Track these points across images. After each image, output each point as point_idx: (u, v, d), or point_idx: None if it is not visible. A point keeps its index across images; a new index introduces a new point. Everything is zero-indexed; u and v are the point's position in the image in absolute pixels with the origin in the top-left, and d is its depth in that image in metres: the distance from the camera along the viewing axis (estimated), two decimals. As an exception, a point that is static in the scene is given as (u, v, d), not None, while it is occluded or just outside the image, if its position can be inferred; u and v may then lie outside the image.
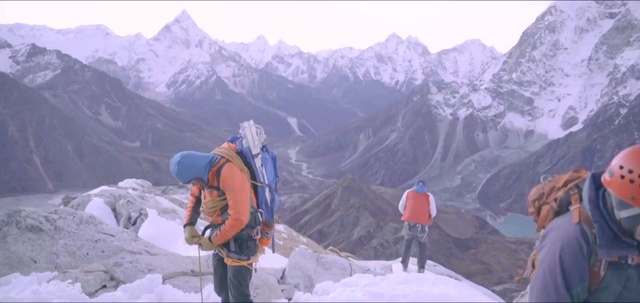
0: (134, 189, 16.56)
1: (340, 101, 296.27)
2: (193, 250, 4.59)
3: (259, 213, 3.59)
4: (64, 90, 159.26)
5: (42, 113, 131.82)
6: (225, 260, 3.55)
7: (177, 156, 3.32)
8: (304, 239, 18.90)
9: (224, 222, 3.45)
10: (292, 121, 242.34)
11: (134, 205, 10.72)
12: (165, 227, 9.24)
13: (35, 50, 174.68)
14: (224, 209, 3.45)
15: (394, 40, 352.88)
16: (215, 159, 3.44)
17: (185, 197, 17.66)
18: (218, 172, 3.39)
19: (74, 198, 12.71)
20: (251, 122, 3.70)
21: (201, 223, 4.42)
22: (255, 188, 3.61)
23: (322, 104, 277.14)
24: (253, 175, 3.59)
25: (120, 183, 17.58)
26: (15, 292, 3.73)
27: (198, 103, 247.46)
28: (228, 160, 3.45)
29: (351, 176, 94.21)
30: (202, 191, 3.53)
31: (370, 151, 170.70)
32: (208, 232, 3.58)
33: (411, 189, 8.46)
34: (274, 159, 3.89)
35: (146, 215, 9.98)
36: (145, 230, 8.86)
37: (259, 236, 3.59)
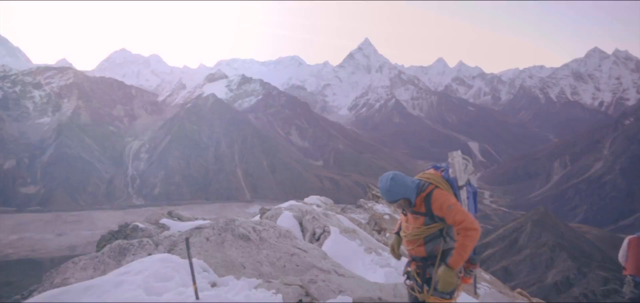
0: (318, 206, 17.77)
1: (529, 124, 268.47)
2: (378, 276, 4.68)
3: None
4: (264, 113, 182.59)
5: (245, 132, 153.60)
6: (423, 298, 3.33)
7: (389, 173, 3.37)
8: (487, 276, 17.52)
9: (427, 254, 3.30)
10: (474, 145, 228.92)
11: (319, 221, 11.42)
12: (347, 247, 9.60)
13: (244, 80, 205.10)
14: (428, 239, 3.32)
15: (596, 56, 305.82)
16: (423, 185, 3.37)
17: (363, 217, 18.23)
18: (427, 198, 3.30)
19: (269, 210, 14.29)
20: (459, 152, 3.56)
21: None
22: None
23: (507, 127, 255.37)
24: None
25: (306, 199, 19.05)
26: (232, 294, 4.37)
27: (377, 125, 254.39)
28: (437, 187, 3.36)
29: (543, 209, 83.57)
30: (402, 215, 3.48)
31: (567, 182, 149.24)
32: (441, 269, 3.22)
33: (634, 236, 6.87)
34: (474, 194, 3.67)
35: (329, 233, 10.48)
36: (329, 248, 9.33)
37: (462, 274, 3.39)
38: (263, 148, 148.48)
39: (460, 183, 3.51)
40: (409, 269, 3.54)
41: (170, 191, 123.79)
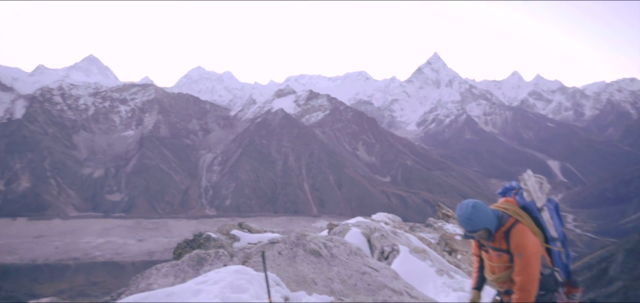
0: (386, 223, 17.49)
1: (619, 142, 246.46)
2: (451, 300, 4.45)
3: (556, 273, 3.18)
4: (331, 128, 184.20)
5: (313, 147, 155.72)
6: None
7: (470, 201, 3.19)
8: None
9: None
10: (553, 164, 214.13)
11: (387, 239, 11.20)
12: (416, 267, 9.28)
13: (312, 95, 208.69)
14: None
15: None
16: (502, 217, 3.19)
17: (432, 236, 17.63)
18: (507, 234, 3.13)
19: (336, 225, 14.28)
20: (529, 172, 3.37)
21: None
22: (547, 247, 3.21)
23: (592, 145, 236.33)
24: (544, 235, 3.21)
25: (373, 216, 18.81)
26: (304, 309, 4.41)
27: (447, 142, 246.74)
28: (517, 221, 3.16)
29: (638, 237, 75.75)
30: (483, 252, 3.29)
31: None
32: None
33: None
34: (556, 208, 3.41)
35: (398, 252, 10.23)
36: (398, 267, 9.08)
37: (564, 300, 3.15)
38: (330, 163, 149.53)
39: (539, 204, 3.26)
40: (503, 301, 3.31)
41: (240, 203, 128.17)
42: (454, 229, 18.46)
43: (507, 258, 3.12)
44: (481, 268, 3.43)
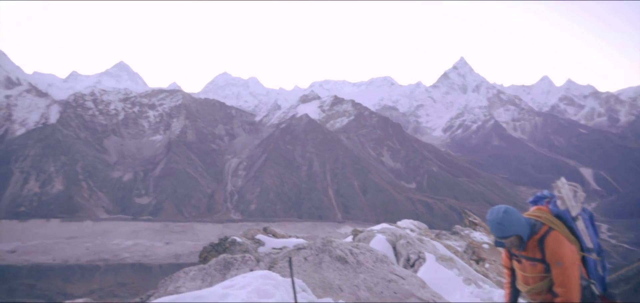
0: (411, 230, 17.28)
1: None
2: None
3: (592, 286, 3.04)
4: (355, 134, 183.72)
5: (337, 153, 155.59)
6: None
7: (501, 206, 3.09)
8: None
9: None
10: (586, 172, 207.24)
11: (413, 247, 11.05)
12: (443, 275, 9.12)
13: (336, 101, 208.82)
14: (553, 289, 2.99)
15: None
16: (535, 225, 3.08)
17: (459, 244, 17.30)
18: (541, 242, 3.03)
19: (361, 232, 14.19)
20: (563, 179, 3.26)
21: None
22: (583, 257, 3.11)
23: (628, 152, 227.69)
24: (579, 245, 3.10)
25: (399, 223, 18.60)
26: (331, 317, 4.39)
27: (474, 148, 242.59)
28: (551, 228, 3.06)
29: (674, 248, 72.57)
30: (515, 262, 3.19)
31: None
32: None
33: None
34: (591, 218, 3.30)
35: (424, 259, 10.08)
36: (424, 275, 8.93)
37: None
38: (354, 168, 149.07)
39: (574, 213, 3.14)
40: None
41: (265, 208, 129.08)
42: (482, 237, 18.08)
43: (542, 268, 3.01)
44: (513, 280, 3.32)
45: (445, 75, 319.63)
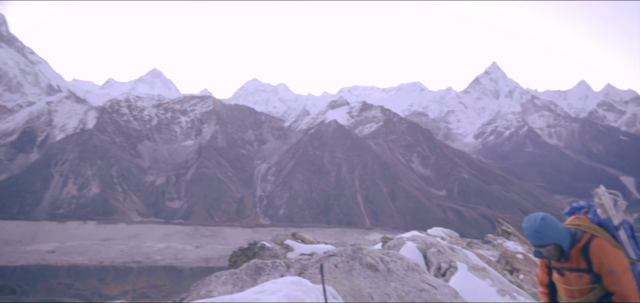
0: (442, 238, 16.96)
1: None
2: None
3: None
4: (384, 140, 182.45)
5: (366, 159, 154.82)
6: None
7: (538, 213, 2.95)
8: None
9: None
10: (628, 180, 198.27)
11: (444, 255, 10.82)
12: (476, 286, 8.88)
13: (365, 107, 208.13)
14: (602, 300, 2.82)
15: None
16: (575, 233, 2.94)
17: (491, 254, 16.83)
18: (584, 250, 2.86)
19: (391, 239, 14.02)
20: (603, 188, 3.11)
21: None
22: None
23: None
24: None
25: (429, 231, 18.29)
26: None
27: (507, 155, 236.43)
28: (594, 236, 2.91)
29: None
30: (556, 276, 3.00)
31: None
32: None
33: None
34: (631, 229, 3.12)
35: (456, 269, 9.86)
36: (456, 285, 8.72)
37: None
38: (383, 175, 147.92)
39: (616, 222, 2.97)
40: None
41: (293, 213, 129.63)
42: (516, 247, 17.54)
43: (589, 279, 2.83)
44: (551, 295, 3.14)
45: (476, 81, 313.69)
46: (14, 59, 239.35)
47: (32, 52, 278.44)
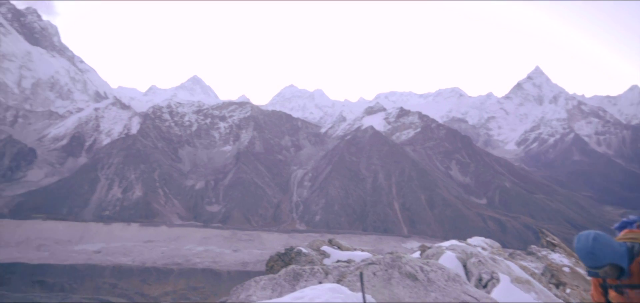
0: (483, 248, 16.47)
1: None
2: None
3: None
4: (422, 146, 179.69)
5: (403, 165, 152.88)
6: None
7: (589, 232, 2.76)
8: None
9: None
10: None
11: (486, 266, 10.49)
12: (519, 299, 8.54)
13: (402, 113, 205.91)
14: None
15: None
16: (634, 248, 2.74)
17: (535, 266, 16.18)
18: None
19: (429, 248, 13.73)
20: None
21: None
22: None
23: None
24: None
25: (469, 240, 17.80)
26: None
27: (551, 163, 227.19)
28: None
29: None
30: (614, 295, 2.81)
31: None
32: None
33: None
34: None
35: (498, 280, 9.55)
36: (499, 297, 8.42)
37: None
38: (421, 182, 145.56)
39: None
40: None
41: (329, 219, 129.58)
42: (562, 259, 16.80)
43: None
44: None
45: (518, 86, 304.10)
46: (65, 67, 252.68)
47: (82, 61, 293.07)
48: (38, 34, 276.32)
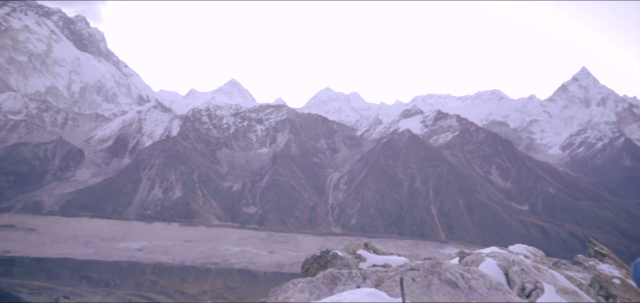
0: (526, 256, 15.90)
1: None
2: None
3: None
4: (460, 150, 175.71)
5: (441, 169, 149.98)
6: None
7: None
8: None
9: None
10: None
11: (529, 275, 10.14)
12: (567, 310, 8.26)
13: (440, 116, 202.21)
14: None
15: None
16: None
17: (582, 276, 15.46)
18: None
19: (469, 254, 13.38)
20: None
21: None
22: None
23: None
24: None
25: (510, 247, 17.23)
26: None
27: (599, 168, 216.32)
28: None
29: None
30: None
31: None
32: None
33: None
34: None
35: (542, 290, 9.21)
36: (544, 308, 8.17)
37: None
38: (459, 186, 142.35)
39: None
40: None
41: (365, 223, 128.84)
42: (611, 270, 15.95)
43: None
44: None
45: (563, 88, 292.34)
46: (110, 72, 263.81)
47: (126, 66, 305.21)
48: (86, 40, 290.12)
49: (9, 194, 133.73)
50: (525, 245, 18.14)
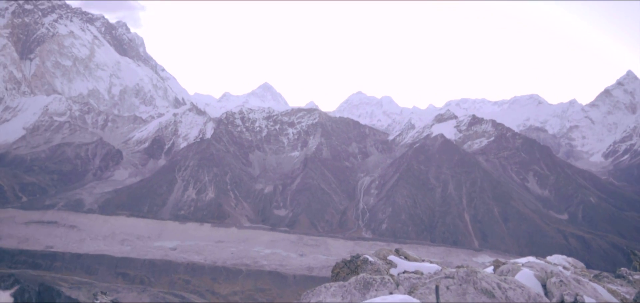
0: (564, 267, 15.33)
1: None
2: None
3: None
4: (496, 156, 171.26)
5: (475, 175, 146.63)
6: None
7: None
8: None
9: None
10: None
11: (568, 287, 9.73)
12: (609, 325, 7.87)
13: (475, 121, 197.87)
14: None
15: None
16: None
17: (626, 290, 14.73)
18: None
19: (504, 264, 12.99)
20: None
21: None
22: None
23: None
24: None
25: (549, 258, 16.64)
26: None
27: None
28: None
29: None
30: None
31: None
32: None
33: None
34: None
35: (582, 303, 8.85)
36: (585, 322, 7.81)
37: None
38: (494, 193, 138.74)
39: None
40: None
41: (396, 228, 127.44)
42: (658, 285, 15.12)
43: None
44: None
45: (606, 92, 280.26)
46: (148, 76, 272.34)
47: (163, 70, 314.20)
48: (126, 45, 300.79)
49: (52, 192, 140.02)
50: (564, 256, 17.53)
